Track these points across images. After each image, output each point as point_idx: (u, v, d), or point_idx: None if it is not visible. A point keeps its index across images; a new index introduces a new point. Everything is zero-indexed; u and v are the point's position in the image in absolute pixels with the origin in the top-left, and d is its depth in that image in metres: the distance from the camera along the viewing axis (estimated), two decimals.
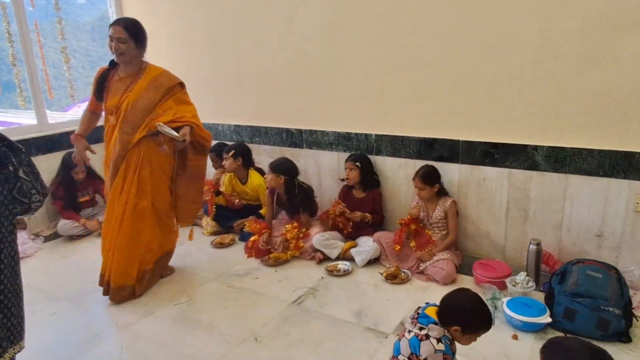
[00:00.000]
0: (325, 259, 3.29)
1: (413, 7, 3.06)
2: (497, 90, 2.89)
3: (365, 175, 3.40)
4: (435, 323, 1.71)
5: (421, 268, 3.03)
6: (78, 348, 2.45)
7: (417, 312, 1.79)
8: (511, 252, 3.08)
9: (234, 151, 3.77)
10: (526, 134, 2.85)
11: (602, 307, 2.28)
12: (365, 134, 3.49)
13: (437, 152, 3.20)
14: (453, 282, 2.92)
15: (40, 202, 1.82)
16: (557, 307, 2.39)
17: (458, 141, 3.10)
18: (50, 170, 3.98)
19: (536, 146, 2.83)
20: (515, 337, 2.34)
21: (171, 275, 3.15)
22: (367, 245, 3.23)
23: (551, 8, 2.62)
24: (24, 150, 1.77)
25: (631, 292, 2.50)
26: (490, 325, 1.73)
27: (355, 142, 3.55)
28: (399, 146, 3.35)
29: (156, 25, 4.52)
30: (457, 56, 2.98)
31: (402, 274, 3.01)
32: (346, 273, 3.11)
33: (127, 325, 2.64)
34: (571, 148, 2.72)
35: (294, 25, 3.63)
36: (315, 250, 3.31)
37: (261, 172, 3.93)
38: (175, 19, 4.33)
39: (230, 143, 4.08)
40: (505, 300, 2.50)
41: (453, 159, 3.14)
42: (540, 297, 2.62)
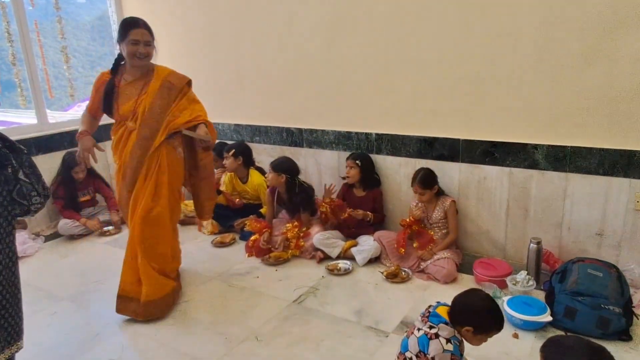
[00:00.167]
0: (326, 258, 3.29)
1: (413, 6, 3.06)
2: (497, 89, 2.89)
3: (366, 174, 3.40)
4: (446, 323, 1.71)
5: (422, 267, 3.03)
6: (79, 347, 2.45)
7: (428, 310, 1.79)
8: (511, 250, 3.09)
9: (234, 150, 3.77)
10: (526, 132, 2.86)
11: (602, 306, 2.29)
12: (366, 133, 3.49)
13: (437, 151, 3.20)
14: (454, 281, 2.92)
15: (41, 204, 1.79)
16: (558, 306, 2.40)
17: (458, 140, 3.10)
18: (51, 170, 3.98)
19: (536, 145, 2.83)
20: (515, 335, 2.34)
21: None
22: (367, 244, 3.23)
23: (551, 7, 2.62)
24: (25, 152, 1.76)
25: (631, 291, 2.51)
26: (502, 326, 1.73)
27: (355, 141, 3.55)
28: (399, 145, 3.36)
29: (156, 24, 4.49)
30: (457, 55, 2.98)
31: (403, 272, 3.01)
32: (347, 272, 3.12)
33: (128, 324, 2.64)
34: (571, 147, 2.72)
35: (294, 25, 3.63)
36: (316, 249, 3.31)
37: (262, 172, 3.93)
38: (175, 18, 4.33)
39: (230, 142, 4.08)
40: (505, 299, 2.51)
41: (453, 158, 3.14)
42: (540, 295, 2.62)
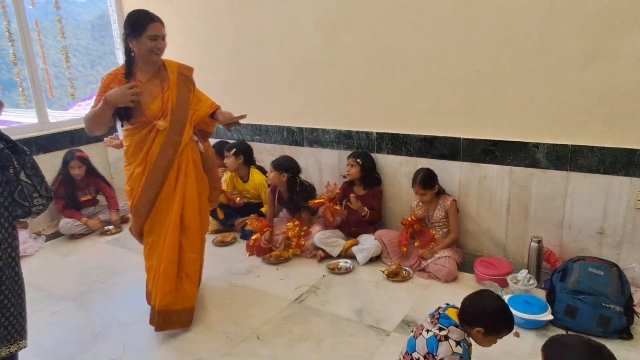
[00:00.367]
0: (327, 256, 3.30)
1: (413, 5, 3.06)
2: (498, 87, 2.89)
3: (366, 173, 3.40)
4: (456, 326, 1.71)
5: (422, 266, 3.04)
6: (80, 347, 2.46)
7: (437, 312, 1.78)
8: (512, 249, 3.09)
9: (235, 149, 3.77)
10: (527, 131, 2.85)
11: (603, 304, 2.29)
12: (366, 132, 3.49)
13: (437, 149, 3.20)
14: (454, 279, 2.92)
15: (43, 205, 1.77)
16: (559, 305, 2.40)
17: (459, 139, 3.10)
18: (52, 170, 3.99)
19: (537, 143, 2.83)
20: (516, 334, 2.34)
21: None
22: (368, 243, 3.23)
23: (552, 5, 2.61)
24: (28, 153, 1.75)
25: (632, 289, 2.51)
26: (512, 327, 1.73)
27: (356, 140, 3.55)
28: (400, 144, 3.36)
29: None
30: (457, 54, 2.98)
31: (404, 271, 3.01)
32: (347, 271, 3.12)
33: (129, 323, 2.65)
34: (572, 145, 2.72)
35: (294, 23, 3.63)
36: (317, 248, 3.32)
37: (262, 171, 3.93)
38: (175, 17, 4.32)
39: (231, 141, 4.08)
40: (506, 297, 2.50)
41: (454, 156, 3.14)
42: (541, 294, 2.63)
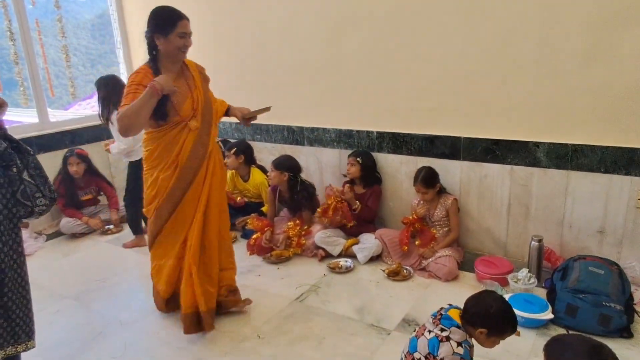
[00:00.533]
0: (328, 256, 3.30)
1: (414, 4, 3.06)
2: (498, 86, 2.89)
3: (366, 172, 3.41)
4: (458, 326, 1.70)
5: (423, 265, 3.04)
6: (81, 345, 2.46)
7: (440, 312, 1.78)
8: (513, 248, 3.09)
9: (235, 149, 3.77)
10: (527, 130, 2.86)
11: (603, 303, 2.29)
12: (367, 131, 3.49)
13: (438, 149, 3.20)
14: (455, 278, 2.93)
15: (46, 206, 1.77)
16: (559, 303, 2.40)
17: (459, 138, 3.10)
18: (52, 169, 3.98)
19: (538, 142, 2.83)
20: (517, 333, 2.33)
21: None
22: (369, 242, 3.24)
23: (553, 4, 2.61)
24: (31, 153, 1.76)
25: (633, 288, 2.51)
26: (516, 328, 1.72)
27: (356, 139, 3.56)
28: (401, 143, 3.36)
29: None
30: (458, 53, 2.97)
31: (404, 270, 3.02)
32: (348, 270, 3.12)
33: (131, 322, 2.65)
34: (573, 144, 2.73)
35: (295, 23, 3.63)
36: (317, 248, 3.32)
37: (263, 170, 3.94)
38: None
39: (232, 141, 4.08)
40: (507, 296, 2.50)
41: (454, 156, 3.14)
42: (542, 293, 2.63)
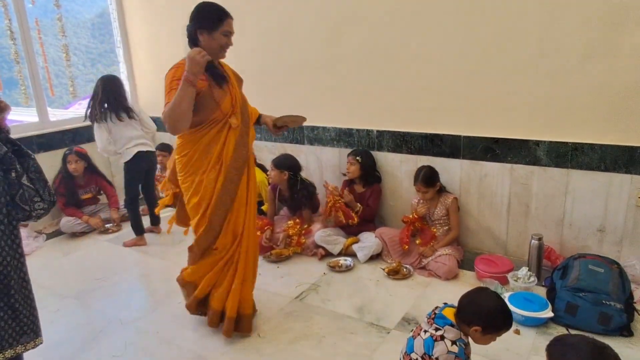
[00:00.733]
0: (327, 254, 3.30)
1: (414, 2, 3.05)
2: (498, 85, 2.88)
3: (366, 171, 3.41)
4: (452, 325, 1.69)
5: (423, 263, 3.04)
6: (82, 344, 2.47)
7: (434, 312, 1.77)
8: (513, 247, 3.09)
9: None
10: (527, 129, 2.85)
11: (603, 302, 2.29)
12: (367, 130, 3.49)
13: (438, 147, 3.20)
14: (455, 277, 2.93)
15: (44, 210, 1.77)
16: (559, 302, 2.40)
17: (459, 137, 3.10)
18: (52, 168, 3.99)
19: (538, 141, 2.83)
20: (517, 331, 2.35)
21: None
22: (369, 241, 3.24)
23: (552, 3, 2.61)
24: (32, 157, 1.76)
25: (633, 287, 2.51)
26: (510, 325, 1.71)
27: (356, 138, 3.55)
28: (400, 142, 3.35)
29: (156, 22, 4.52)
30: (458, 52, 2.97)
31: (404, 269, 3.02)
32: (348, 269, 3.12)
33: (131, 321, 2.66)
34: (573, 143, 2.72)
35: (295, 21, 3.63)
36: (317, 247, 3.32)
37: (263, 169, 3.93)
38: (175, 15, 4.32)
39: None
40: (507, 295, 2.51)
41: (454, 154, 3.14)
42: (542, 291, 2.63)
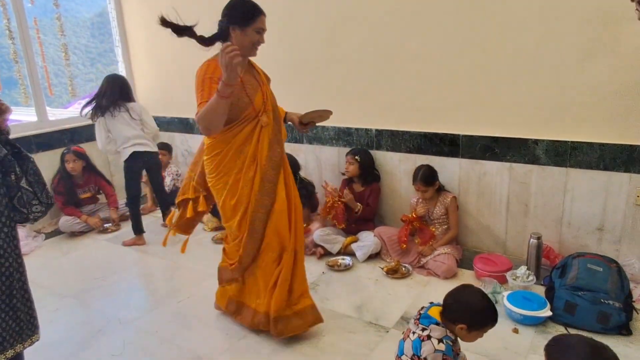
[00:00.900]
0: (326, 254, 3.30)
1: (414, 2, 3.05)
2: (497, 84, 2.88)
3: (365, 170, 3.41)
4: (437, 323, 1.68)
5: (422, 262, 3.04)
6: (81, 344, 2.47)
7: (419, 312, 1.77)
8: (512, 246, 3.09)
9: None
10: (527, 127, 2.85)
11: (602, 301, 2.29)
12: (366, 129, 3.49)
13: (437, 146, 3.20)
14: (454, 276, 2.93)
15: (42, 212, 1.80)
16: (558, 301, 2.40)
17: (458, 135, 3.10)
18: (51, 167, 3.99)
19: (537, 140, 2.82)
20: (515, 330, 2.35)
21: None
22: (368, 240, 3.24)
23: (551, 2, 2.61)
24: (32, 159, 1.78)
25: (632, 285, 2.51)
26: (496, 321, 1.72)
27: (355, 137, 3.55)
28: (399, 141, 3.35)
29: (155, 21, 4.51)
30: (457, 51, 2.97)
31: (403, 268, 3.02)
32: (347, 268, 3.12)
33: (130, 320, 2.66)
34: (572, 142, 2.72)
35: (294, 20, 3.62)
36: (316, 246, 3.32)
37: None
38: (174, 15, 4.31)
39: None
40: (505, 294, 2.51)
41: (453, 153, 3.14)
42: (540, 290, 2.63)
